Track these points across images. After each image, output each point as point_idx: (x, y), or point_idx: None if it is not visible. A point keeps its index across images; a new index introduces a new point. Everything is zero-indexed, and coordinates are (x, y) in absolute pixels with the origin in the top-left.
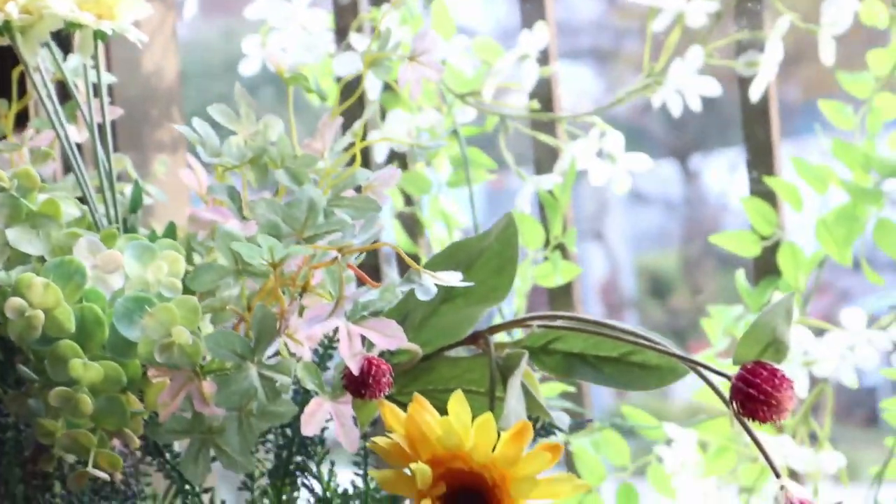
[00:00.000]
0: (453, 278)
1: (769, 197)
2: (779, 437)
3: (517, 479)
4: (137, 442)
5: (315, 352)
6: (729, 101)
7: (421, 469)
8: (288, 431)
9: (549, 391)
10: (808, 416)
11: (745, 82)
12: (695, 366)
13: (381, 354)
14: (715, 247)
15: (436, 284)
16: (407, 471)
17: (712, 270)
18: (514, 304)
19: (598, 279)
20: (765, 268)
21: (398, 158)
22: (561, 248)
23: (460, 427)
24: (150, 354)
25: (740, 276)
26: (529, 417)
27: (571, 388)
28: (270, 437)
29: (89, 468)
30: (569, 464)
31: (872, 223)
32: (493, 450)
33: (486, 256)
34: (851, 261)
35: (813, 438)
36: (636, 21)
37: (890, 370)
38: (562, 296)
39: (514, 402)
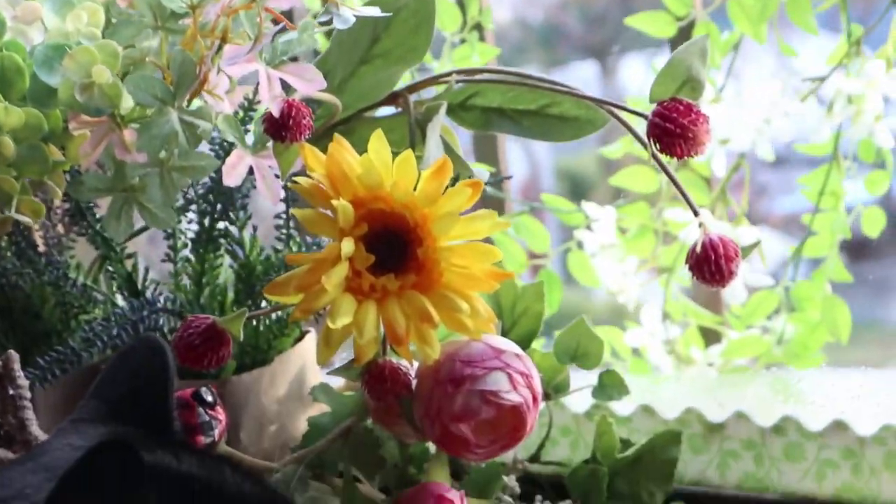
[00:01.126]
0: (373, 11)
1: None
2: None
3: (438, 216)
4: (60, 194)
5: (235, 114)
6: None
7: (343, 206)
8: (210, 198)
9: None
10: (726, 193)
11: None
12: (611, 108)
13: None
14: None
15: (354, 46)
16: (329, 213)
17: None
18: None
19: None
20: None
21: None
22: (478, 28)
23: (380, 164)
24: (70, 98)
25: (656, 63)
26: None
27: (490, 169)
28: (193, 206)
29: (12, 213)
30: None
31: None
32: (414, 189)
33: (403, 16)
34: (765, 40)
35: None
36: None
37: (804, 146)
38: None
39: (432, 146)
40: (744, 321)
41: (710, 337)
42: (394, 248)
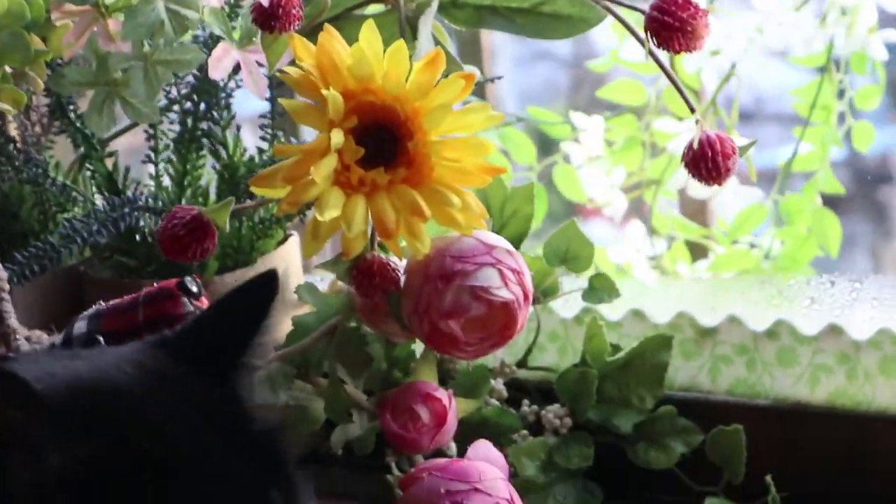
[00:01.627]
0: None
1: None
2: (686, 122)
3: (430, 109)
4: (41, 85)
5: (222, 9)
6: None
7: (332, 96)
8: (193, 97)
9: None
10: (716, 104)
11: None
12: (607, 4)
13: None
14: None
15: None
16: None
17: None
18: None
19: None
20: None
21: None
22: None
23: (372, 55)
24: None
25: None
26: None
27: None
28: (175, 106)
29: None
30: None
31: None
32: (406, 81)
33: None
34: None
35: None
36: None
37: (799, 58)
38: None
39: (424, 39)
40: (731, 235)
41: (697, 253)
42: (384, 141)
